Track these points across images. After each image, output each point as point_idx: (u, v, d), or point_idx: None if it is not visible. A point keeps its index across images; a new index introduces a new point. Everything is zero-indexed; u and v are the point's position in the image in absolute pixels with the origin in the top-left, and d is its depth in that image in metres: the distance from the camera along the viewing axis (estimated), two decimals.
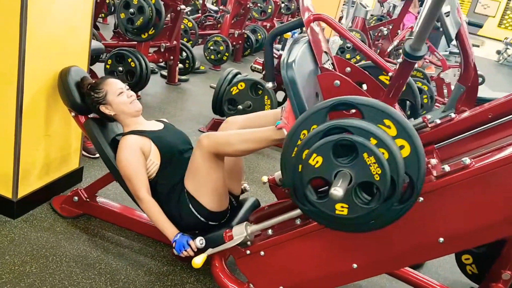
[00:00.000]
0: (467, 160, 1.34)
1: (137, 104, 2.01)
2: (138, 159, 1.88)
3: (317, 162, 1.24)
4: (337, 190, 1.15)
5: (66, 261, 1.90)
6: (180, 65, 4.84)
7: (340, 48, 4.78)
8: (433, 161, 1.47)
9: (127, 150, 1.88)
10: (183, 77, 4.96)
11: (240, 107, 3.39)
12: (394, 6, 9.24)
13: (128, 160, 1.87)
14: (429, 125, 1.91)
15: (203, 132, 3.67)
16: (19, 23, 1.78)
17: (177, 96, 4.53)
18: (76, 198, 2.17)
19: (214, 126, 3.71)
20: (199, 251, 1.77)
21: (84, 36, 2.19)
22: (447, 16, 3.05)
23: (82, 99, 2.02)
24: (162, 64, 4.97)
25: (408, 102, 2.54)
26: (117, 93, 1.97)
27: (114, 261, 1.97)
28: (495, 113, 1.79)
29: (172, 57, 4.49)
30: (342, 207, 1.25)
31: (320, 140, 1.23)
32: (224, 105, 3.51)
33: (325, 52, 1.82)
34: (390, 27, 5.73)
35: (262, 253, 1.67)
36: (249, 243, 1.70)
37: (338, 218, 1.27)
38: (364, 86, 1.97)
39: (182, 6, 4.16)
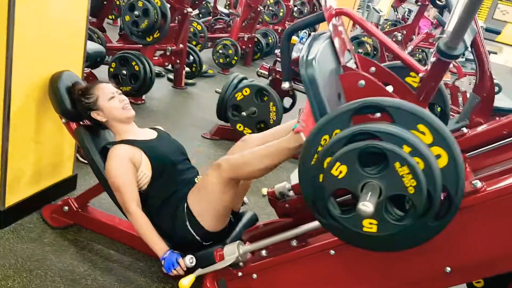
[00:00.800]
0: (478, 183, 1.21)
1: (130, 110, 1.91)
2: (128, 170, 1.78)
3: (340, 172, 1.09)
4: (366, 206, 1.01)
5: (51, 276, 1.81)
6: (187, 69, 4.75)
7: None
8: None
9: (117, 160, 1.78)
10: (189, 81, 4.87)
11: (244, 113, 3.29)
12: (410, 11, 9.08)
13: (117, 171, 1.77)
14: None
15: (206, 138, 3.57)
16: (6, 24, 1.70)
17: (183, 100, 4.44)
18: (66, 207, 2.08)
19: (218, 132, 3.60)
20: (190, 270, 1.66)
21: (78, 39, 2.11)
22: None
23: (73, 105, 1.92)
24: (169, 67, 4.90)
25: (436, 106, 2.28)
26: (108, 98, 1.88)
27: (101, 277, 1.87)
28: (511, 129, 1.65)
29: (178, 61, 4.40)
30: (370, 223, 1.11)
31: (344, 147, 1.09)
32: (229, 111, 3.41)
33: (348, 50, 1.69)
34: (404, 32, 5.56)
35: (254, 275, 1.55)
36: (241, 264, 1.59)
37: (366, 236, 1.13)
38: (390, 89, 1.82)
39: (189, 9, 4.07)
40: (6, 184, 1.94)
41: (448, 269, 1.26)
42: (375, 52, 4.65)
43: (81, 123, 2.00)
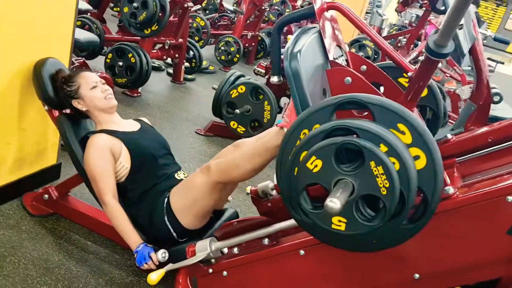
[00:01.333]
0: (450, 190, 1.17)
1: (111, 100, 1.89)
2: (106, 160, 1.76)
3: (315, 166, 1.06)
4: (334, 202, 0.96)
5: (24, 263, 1.78)
6: (186, 64, 4.73)
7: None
8: None
9: (95, 150, 1.76)
10: (189, 76, 4.85)
11: (237, 111, 3.26)
12: (417, 16, 9.01)
13: (94, 161, 1.75)
14: None
15: (200, 134, 3.54)
16: None
17: (180, 95, 4.41)
18: (46, 196, 2.06)
19: (212, 129, 3.58)
20: (162, 265, 1.64)
21: (66, 26, 2.09)
22: (460, 29, 2.87)
23: (56, 92, 1.90)
24: (169, 61, 4.88)
25: (429, 109, 2.21)
26: (90, 87, 1.85)
27: (75, 267, 1.84)
28: (496, 137, 1.61)
29: (177, 55, 4.38)
30: (339, 221, 1.07)
31: (321, 142, 1.06)
32: (223, 108, 3.38)
33: (339, 46, 1.65)
34: (407, 36, 5.51)
35: (224, 273, 1.52)
36: (213, 261, 1.56)
37: (334, 233, 1.09)
38: (383, 89, 1.78)
39: (190, 4, 4.05)
40: None
41: (417, 275, 1.23)
42: (375, 56, 4.61)
43: (64, 111, 1.98)
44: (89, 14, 4.17)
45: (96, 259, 1.93)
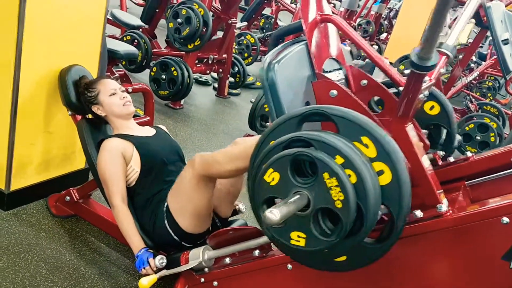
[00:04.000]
0: (442, 208, 1.07)
1: (129, 107, 1.93)
2: (117, 163, 1.80)
3: (273, 179, 1.04)
4: (273, 213, 0.92)
5: (36, 261, 1.85)
6: (231, 79, 4.79)
7: None
8: None
9: (107, 153, 1.81)
10: (234, 91, 4.90)
11: (268, 124, 3.23)
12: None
13: (106, 164, 1.80)
14: (440, 163, 1.62)
15: None
16: (17, 17, 1.79)
17: (222, 108, 4.47)
18: (68, 197, 2.14)
19: None
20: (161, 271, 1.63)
21: (95, 36, 2.18)
22: (505, 44, 2.67)
23: (78, 98, 1.99)
24: (216, 76, 4.97)
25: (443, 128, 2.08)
26: (109, 93, 1.91)
27: (84, 268, 1.89)
28: None
29: (221, 70, 4.45)
30: (298, 236, 1.03)
31: (276, 154, 1.04)
32: (257, 121, 3.37)
33: (334, 59, 1.60)
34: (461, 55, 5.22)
35: (215, 283, 1.49)
36: (206, 269, 1.53)
37: (296, 249, 1.04)
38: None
39: (234, 20, 4.12)
40: (12, 169, 2.04)
41: None
42: None
43: (86, 116, 2.05)
44: (140, 30, 4.36)
45: (106, 261, 1.96)
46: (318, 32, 1.50)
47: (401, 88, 1.44)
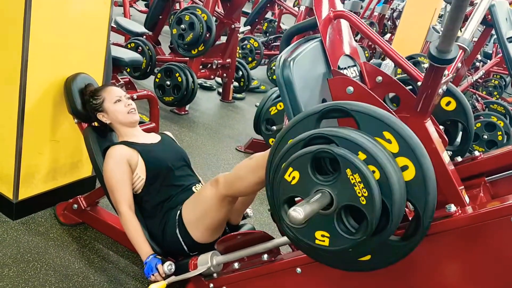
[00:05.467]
0: (452, 207, 1.06)
1: (134, 114, 1.94)
2: (123, 171, 1.80)
3: (293, 178, 1.02)
4: (297, 212, 0.89)
5: (46, 269, 1.86)
6: (235, 83, 4.80)
7: None
8: None
9: (113, 161, 1.81)
10: (238, 95, 4.91)
11: (274, 127, 3.22)
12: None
13: (112, 171, 1.80)
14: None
15: (240, 151, 3.55)
16: (23, 26, 1.81)
17: (226, 113, 4.47)
18: (75, 205, 2.15)
19: (252, 145, 3.57)
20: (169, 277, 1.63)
21: (99, 44, 2.19)
22: (510, 42, 2.65)
23: (84, 106, 1.99)
24: (220, 81, 4.98)
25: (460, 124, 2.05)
26: (114, 101, 1.92)
27: (93, 276, 1.89)
28: None
29: (225, 75, 4.46)
30: (323, 235, 1.01)
31: (297, 152, 1.02)
32: (262, 125, 3.37)
33: (348, 56, 1.60)
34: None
35: None
36: (215, 275, 1.53)
37: (319, 249, 1.02)
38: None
39: (237, 24, 4.12)
40: (20, 178, 2.05)
41: None
42: None
43: (93, 124, 2.06)
44: (144, 37, 4.38)
45: (115, 269, 1.96)
46: (331, 29, 1.49)
47: (419, 83, 1.43)
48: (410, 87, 1.64)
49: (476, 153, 1.56)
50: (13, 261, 1.85)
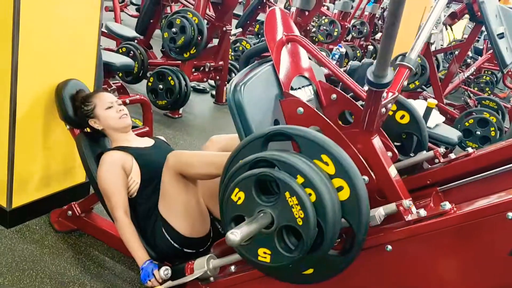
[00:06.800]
0: (446, 205, 1.07)
1: (126, 120, 1.93)
2: (118, 176, 1.79)
3: (239, 198, 1.09)
4: (234, 234, 0.96)
5: (41, 277, 1.84)
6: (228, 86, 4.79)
7: None
8: (407, 203, 1.19)
9: (107, 166, 1.80)
10: None
11: None
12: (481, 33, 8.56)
13: (106, 177, 1.79)
14: (442, 160, 1.61)
15: None
16: (12, 32, 1.80)
17: (220, 115, 4.47)
18: (70, 212, 2.13)
19: None
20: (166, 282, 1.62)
21: (89, 49, 2.18)
22: (500, 38, 2.67)
23: (76, 112, 1.98)
24: (213, 84, 4.98)
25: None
26: (105, 107, 1.91)
27: (89, 282, 1.88)
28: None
29: (218, 77, 4.46)
30: (265, 253, 1.07)
31: (242, 174, 1.09)
32: None
33: (303, 76, 1.63)
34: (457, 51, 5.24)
35: None
36: (212, 279, 1.52)
37: (263, 265, 1.09)
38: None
39: (229, 27, 4.13)
40: (13, 186, 2.03)
41: None
42: (422, 71, 4.41)
43: (85, 130, 2.05)
44: (136, 41, 4.37)
45: (111, 275, 1.95)
46: (286, 51, 1.54)
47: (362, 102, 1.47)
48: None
49: (469, 149, 1.57)
50: (8, 270, 1.84)
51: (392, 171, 1.36)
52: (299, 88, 1.55)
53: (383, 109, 1.36)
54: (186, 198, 1.67)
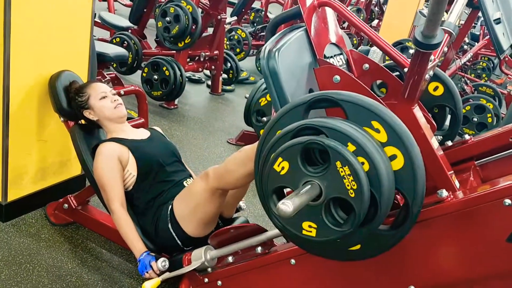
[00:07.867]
0: (443, 193, 1.06)
1: (121, 109, 1.91)
2: (114, 168, 1.78)
3: (282, 168, 1.00)
4: (286, 205, 0.88)
5: (38, 271, 1.83)
6: (224, 75, 4.76)
7: None
8: None
9: (103, 158, 1.78)
10: (228, 87, 4.87)
11: (265, 119, 3.20)
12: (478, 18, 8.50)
13: (103, 169, 1.77)
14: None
15: (231, 143, 3.53)
16: (3, 24, 1.76)
17: (216, 106, 4.44)
18: (66, 205, 2.12)
19: (243, 138, 3.55)
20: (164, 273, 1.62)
21: (82, 40, 2.15)
22: (497, 23, 2.65)
23: (69, 104, 1.96)
24: (209, 74, 4.94)
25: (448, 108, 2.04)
26: (99, 97, 1.89)
27: (87, 275, 1.87)
28: None
29: (214, 67, 4.42)
30: (310, 226, 1.00)
31: (286, 142, 1.01)
32: (253, 116, 3.34)
33: (334, 44, 1.58)
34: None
35: (219, 282, 1.48)
36: (209, 269, 1.52)
37: (307, 240, 1.02)
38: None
39: (223, 15, 4.08)
40: (8, 179, 2.01)
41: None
42: None
43: (79, 122, 2.03)
44: (129, 31, 4.32)
45: (108, 267, 1.94)
46: (316, 18, 1.47)
47: (406, 70, 1.41)
48: (398, 73, 1.63)
49: (466, 136, 1.56)
50: (4, 264, 1.83)
51: (434, 143, 1.28)
52: (331, 56, 1.48)
53: (427, 76, 1.27)
54: (211, 210, 1.64)
